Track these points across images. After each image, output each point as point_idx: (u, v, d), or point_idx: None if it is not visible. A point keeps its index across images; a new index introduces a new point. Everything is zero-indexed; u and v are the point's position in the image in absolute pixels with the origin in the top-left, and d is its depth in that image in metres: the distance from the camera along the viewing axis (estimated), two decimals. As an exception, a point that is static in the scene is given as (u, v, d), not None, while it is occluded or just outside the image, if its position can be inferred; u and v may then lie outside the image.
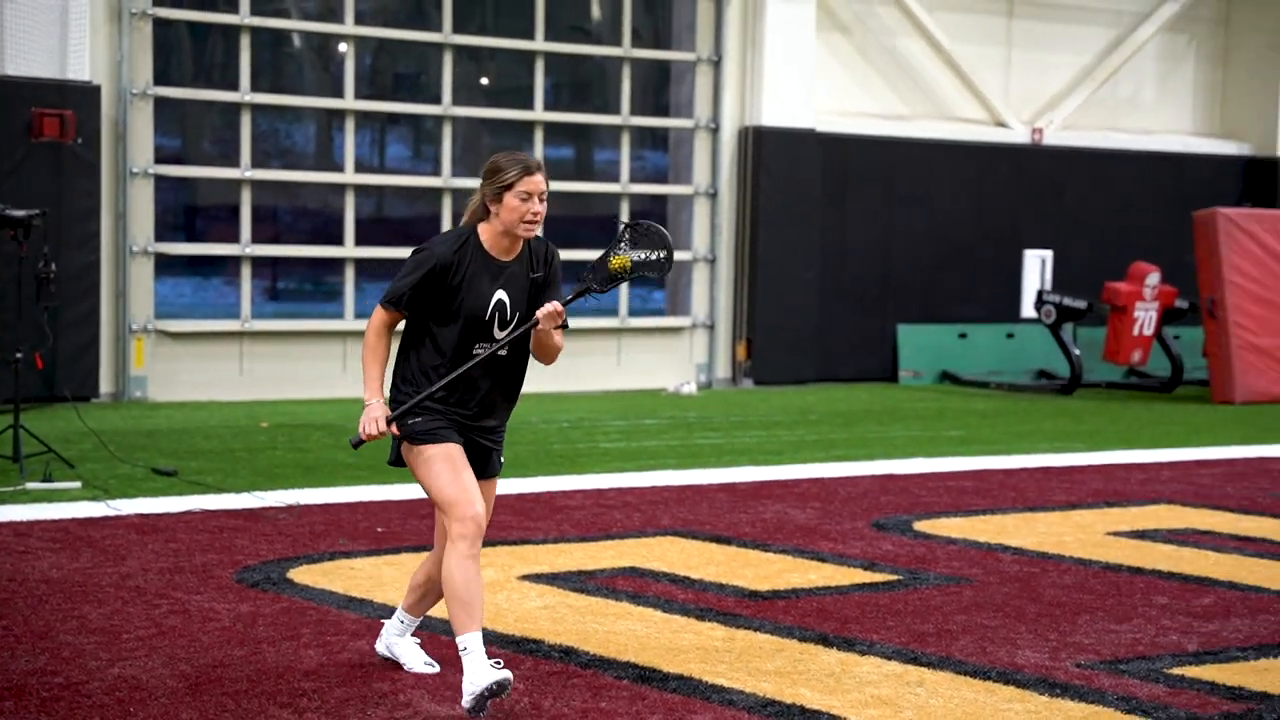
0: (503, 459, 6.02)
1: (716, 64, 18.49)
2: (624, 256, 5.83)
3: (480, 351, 5.79)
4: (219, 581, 7.62)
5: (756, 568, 8.36)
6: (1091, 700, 6.02)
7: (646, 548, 8.80)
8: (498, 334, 5.79)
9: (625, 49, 18.20)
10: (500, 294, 5.79)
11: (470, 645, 5.55)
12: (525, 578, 7.90)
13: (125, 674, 5.99)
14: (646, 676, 6.19)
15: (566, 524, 9.47)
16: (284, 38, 16.64)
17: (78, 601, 7.11)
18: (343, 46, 16.86)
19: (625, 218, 18.30)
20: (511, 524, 9.37)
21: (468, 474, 5.71)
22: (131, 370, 15.45)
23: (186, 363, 15.81)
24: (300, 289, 18.41)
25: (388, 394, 5.83)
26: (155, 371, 15.63)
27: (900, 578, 8.19)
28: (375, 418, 5.69)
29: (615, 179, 18.40)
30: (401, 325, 5.91)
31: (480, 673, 5.50)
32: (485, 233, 5.82)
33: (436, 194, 17.31)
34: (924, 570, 8.39)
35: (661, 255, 5.80)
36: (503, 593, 7.57)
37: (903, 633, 7.03)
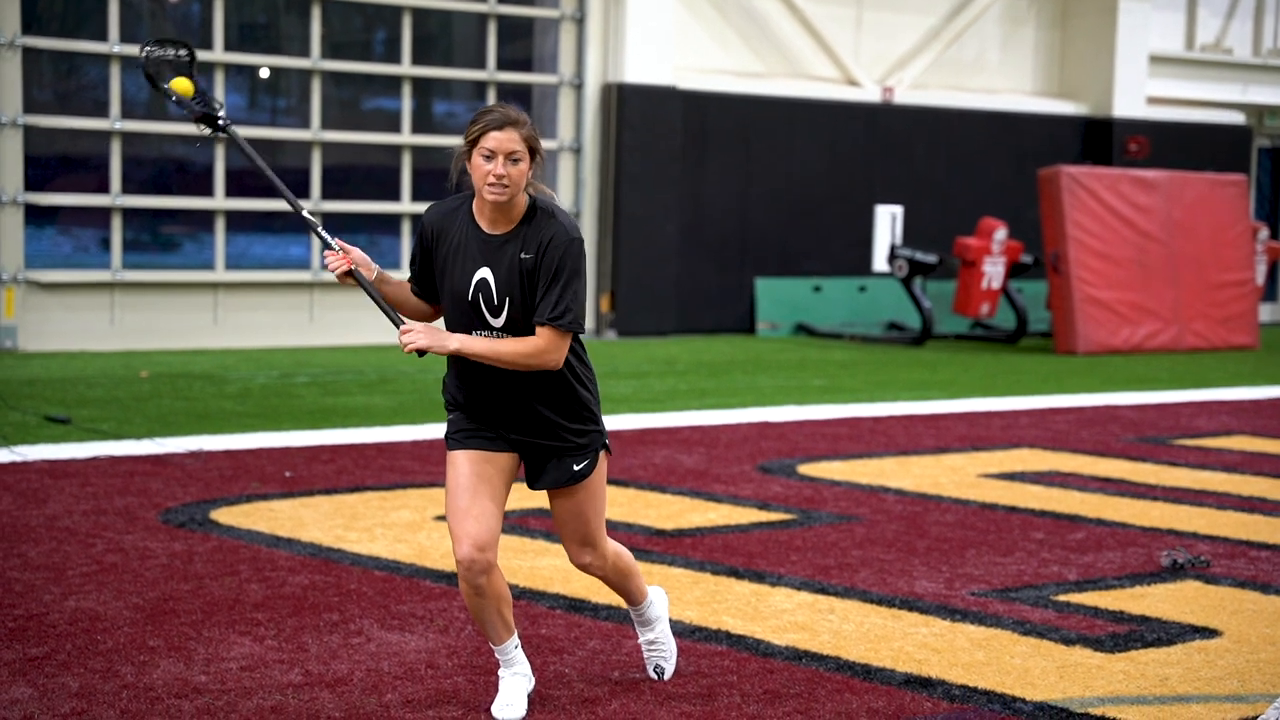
0: (581, 466, 5.19)
1: (580, 21, 18.80)
2: (180, 82, 5.24)
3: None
4: (145, 522, 7.85)
5: (658, 508, 8.77)
6: (989, 624, 6.52)
7: (548, 490, 9.15)
8: (491, 320, 5.05)
9: (490, 5, 18.42)
10: (484, 272, 5.04)
11: (501, 659, 5.24)
12: (440, 518, 8.23)
13: (82, 606, 6.23)
14: (577, 606, 6.57)
15: (466, 468, 9.77)
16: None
17: (13, 541, 7.30)
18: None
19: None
20: (415, 469, 9.67)
21: (476, 496, 5.07)
22: (1, 320, 15.42)
23: (56, 313, 15.81)
24: (159, 240, 18.37)
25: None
26: (26, 321, 15.61)
27: (794, 517, 8.65)
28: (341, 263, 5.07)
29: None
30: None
31: (496, 704, 5.21)
32: (477, 200, 5.08)
33: (304, 147, 17.45)
34: (815, 510, 8.86)
35: (181, 53, 5.27)
36: (422, 532, 7.90)
37: (806, 566, 7.48)
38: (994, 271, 19.35)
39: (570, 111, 18.95)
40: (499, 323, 5.04)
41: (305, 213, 5.20)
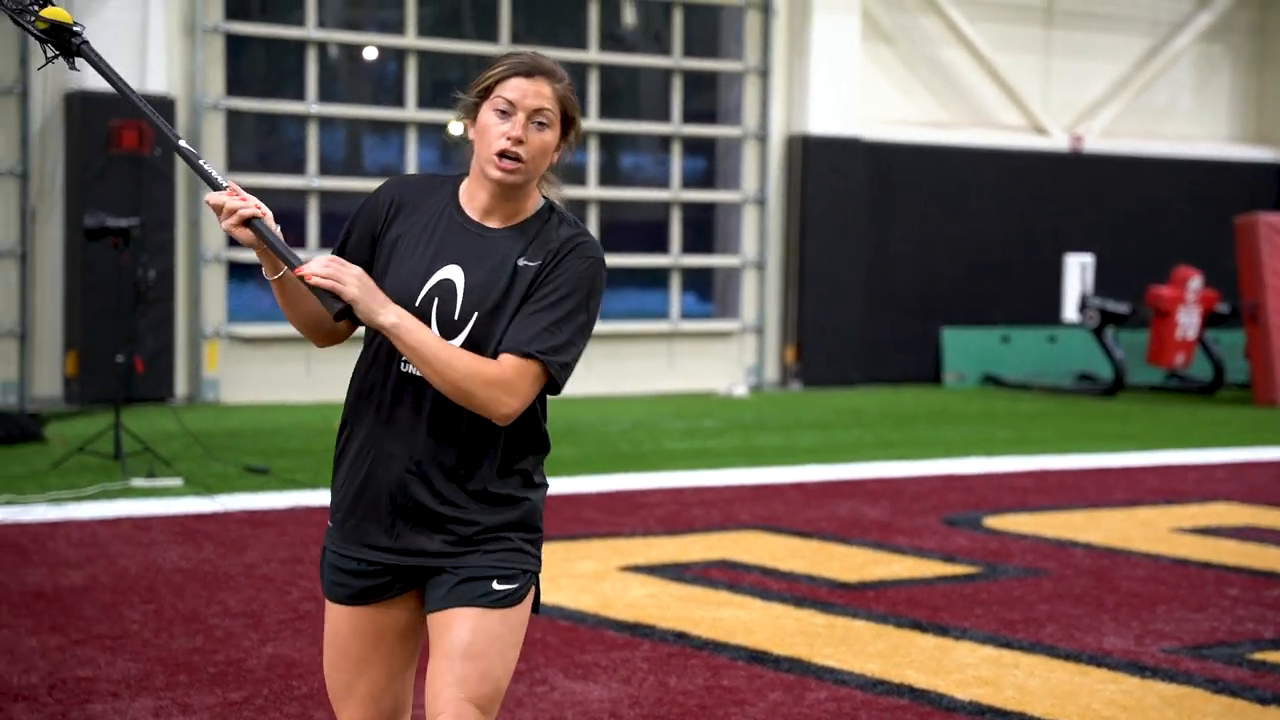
0: (506, 587, 3.47)
1: (764, 74, 18.90)
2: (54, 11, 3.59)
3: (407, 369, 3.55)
4: (339, 572, 8.04)
5: (840, 560, 8.76)
6: (1181, 682, 6.41)
7: (732, 541, 9.21)
8: None
9: (675, 59, 18.62)
10: (451, 271, 3.50)
11: None
12: (624, 569, 8.31)
13: (279, 653, 6.42)
14: (759, 658, 6.60)
15: (650, 519, 9.87)
16: (324, 49, 16.92)
17: (214, 589, 7.54)
18: (370, 53, 17.27)
19: (676, 228, 18.71)
20: (599, 519, 9.78)
21: (364, 667, 3.57)
22: (205, 373, 15.92)
23: (256, 366, 16.27)
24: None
25: None
26: (227, 374, 16.09)
27: (979, 570, 8.59)
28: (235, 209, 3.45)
29: (652, 184, 18.82)
30: None
31: None
32: (468, 181, 3.65)
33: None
34: (1001, 563, 8.78)
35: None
36: (606, 581, 7.99)
37: (990, 620, 7.42)
38: (1189, 321, 19.00)
39: (755, 163, 19.05)
40: (454, 344, 3.50)
41: (181, 142, 3.57)
